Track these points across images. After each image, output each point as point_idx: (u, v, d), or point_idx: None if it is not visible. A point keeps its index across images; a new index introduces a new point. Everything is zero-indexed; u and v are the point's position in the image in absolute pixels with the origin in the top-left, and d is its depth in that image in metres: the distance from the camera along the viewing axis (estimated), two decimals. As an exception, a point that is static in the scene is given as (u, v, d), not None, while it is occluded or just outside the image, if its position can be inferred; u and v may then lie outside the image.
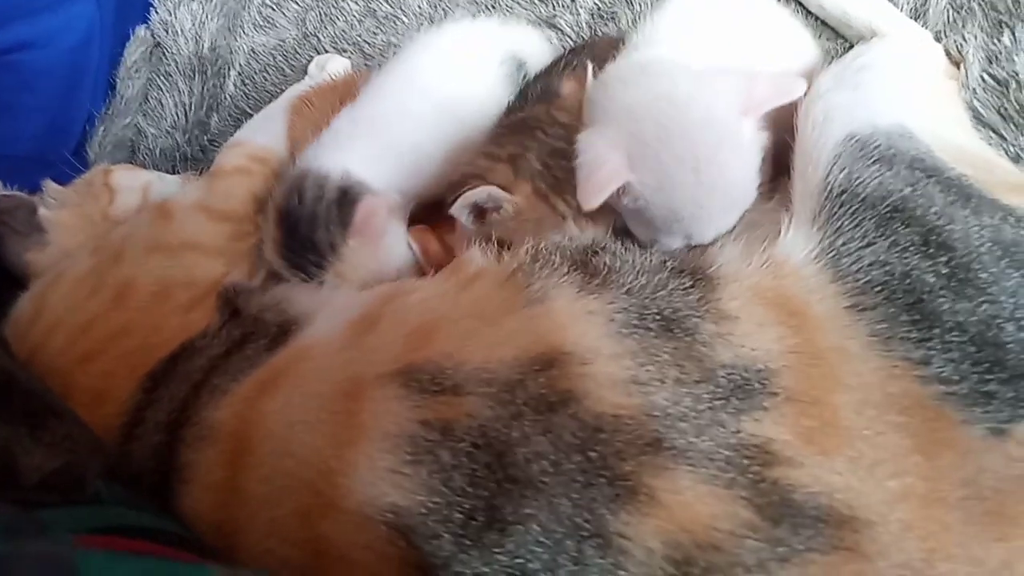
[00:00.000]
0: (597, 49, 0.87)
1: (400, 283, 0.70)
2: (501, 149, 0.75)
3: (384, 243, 0.79)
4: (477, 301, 0.64)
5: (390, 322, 0.66)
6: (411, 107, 0.84)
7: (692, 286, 0.61)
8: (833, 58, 0.89)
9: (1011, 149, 0.83)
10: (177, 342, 0.70)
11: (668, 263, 0.64)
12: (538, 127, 0.75)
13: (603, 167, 0.64)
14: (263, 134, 0.94)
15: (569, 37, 1.03)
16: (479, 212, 0.73)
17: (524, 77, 0.89)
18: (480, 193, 0.72)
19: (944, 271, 0.58)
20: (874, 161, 0.64)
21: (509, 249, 0.69)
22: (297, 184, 0.79)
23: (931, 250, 0.59)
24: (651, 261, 0.64)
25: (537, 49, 0.95)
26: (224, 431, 0.62)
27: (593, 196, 0.64)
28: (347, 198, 0.78)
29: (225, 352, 0.69)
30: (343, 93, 0.95)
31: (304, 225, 0.77)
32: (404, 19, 1.13)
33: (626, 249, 0.66)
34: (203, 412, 0.64)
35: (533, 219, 0.73)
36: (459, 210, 0.72)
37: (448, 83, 0.85)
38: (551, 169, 0.72)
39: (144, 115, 1.19)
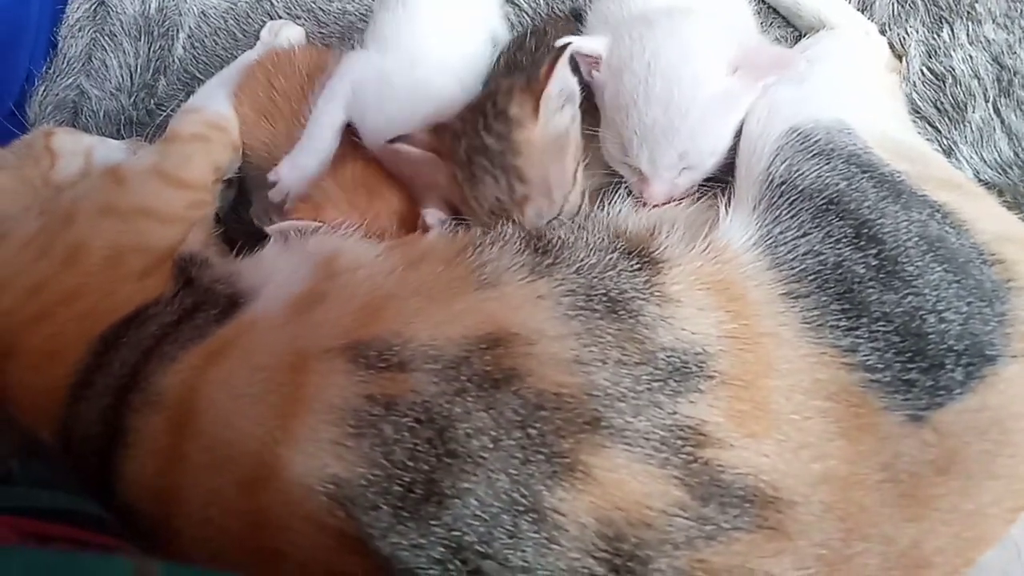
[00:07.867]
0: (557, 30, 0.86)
1: (343, 259, 0.70)
2: (457, 120, 0.72)
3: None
4: (425, 279, 0.65)
5: (337, 298, 0.66)
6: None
7: (640, 268, 0.63)
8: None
9: (944, 142, 0.86)
10: (131, 307, 0.69)
11: (619, 243, 0.65)
12: (485, 113, 0.69)
13: (591, 40, 0.76)
14: (219, 101, 0.90)
15: (526, 13, 1.03)
16: None
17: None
18: (415, 149, 0.72)
19: (873, 263, 0.61)
20: (814, 155, 0.66)
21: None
22: None
23: (862, 243, 0.62)
24: (602, 239, 0.65)
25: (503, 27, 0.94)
26: (170, 398, 0.63)
27: (576, 44, 0.75)
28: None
29: (176, 320, 0.68)
30: (298, 64, 0.93)
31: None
32: (360, -13, 1.11)
33: (580, 226, 0.68)
34: (151, 378, 0.64)
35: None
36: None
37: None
38: (471, 166, 0.69)
39: (87, 76, 1.14)
